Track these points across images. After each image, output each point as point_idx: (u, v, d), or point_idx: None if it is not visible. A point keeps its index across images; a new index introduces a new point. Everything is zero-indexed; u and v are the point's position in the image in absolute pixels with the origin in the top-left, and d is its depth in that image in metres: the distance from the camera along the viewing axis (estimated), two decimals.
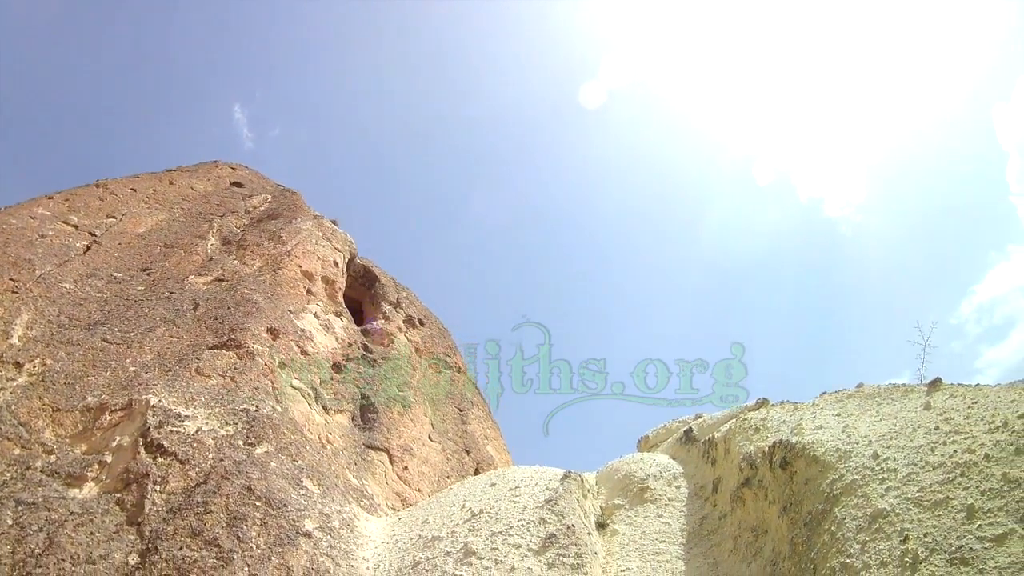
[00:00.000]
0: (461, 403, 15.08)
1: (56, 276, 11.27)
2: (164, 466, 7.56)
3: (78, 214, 13.58)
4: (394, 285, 17.35)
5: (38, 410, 8.24)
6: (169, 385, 8.90)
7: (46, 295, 10.66)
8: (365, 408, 12.03)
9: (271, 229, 14.97)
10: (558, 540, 7.51)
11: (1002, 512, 4.99)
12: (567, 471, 9.07)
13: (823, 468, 6.67)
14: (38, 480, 7.23)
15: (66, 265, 11.72)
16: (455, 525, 8.21)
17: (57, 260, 11.76)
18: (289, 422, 9.46)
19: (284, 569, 6.98)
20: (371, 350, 13.74)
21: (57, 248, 12.15)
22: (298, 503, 7.91)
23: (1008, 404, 6.14)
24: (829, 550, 5.80)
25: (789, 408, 8.65)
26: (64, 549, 6.36)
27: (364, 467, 10.63)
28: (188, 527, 6.87)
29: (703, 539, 7.97)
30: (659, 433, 11.96)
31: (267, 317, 11.46)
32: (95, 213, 13.96)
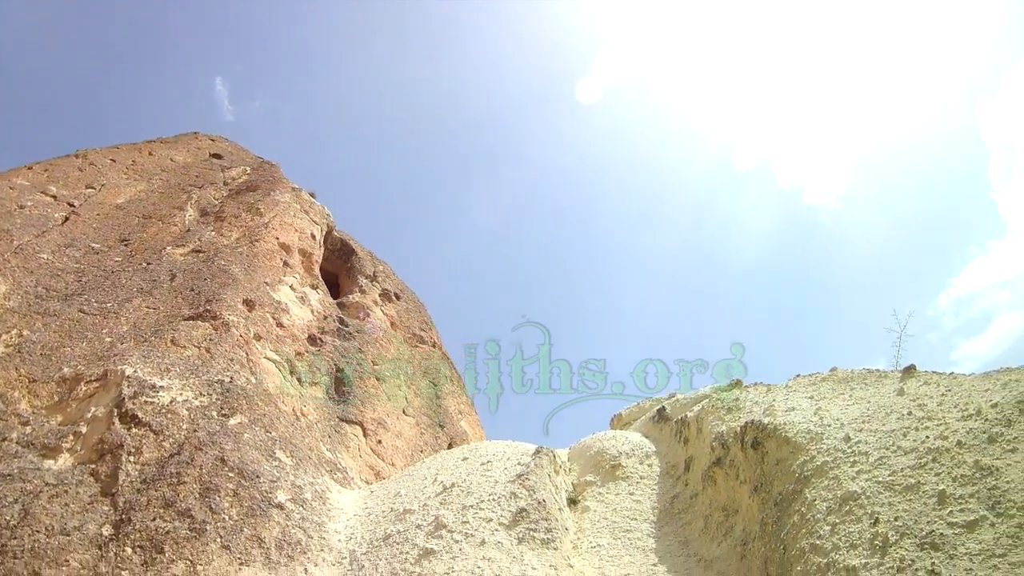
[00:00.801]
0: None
1: (34, 247, 11.09)
2: (138, 437, 7.46)
3: (57, 184, 13.36)
4: (371, 259, 17.21)
5: (14, 381, 8.11)
6: (145, 356, 8.78)
7: (24, 265, 10.49)
8: (340, 381, 11.94)
9: (249, 201, 14.79)
10: (529, 515, 7.50)
11: (973, 499, 5.01)
12: (539, 447, 9.05)
13: (794, 449, 6.68)
14: (13, 451, 7.12)
15: (44, 236, 11.54)
16: (427, 498, 8.18)
17: (35, 231, 11.58)
18: (263, 394, 9.36)
19: (256, 540, 6.93)
20: (347, 323, 13.63)
21: (36, 219, 11.96)
22: (271, 475, 7.85)
23: (982, 393, 6.16)
24: (799, 531, 5.81)
25: (762, 390, 8.66)
26: (39, 520, 6.26)
27: (338, 440, 10.56)
28: (161, 498, 6.80)
29: (674, 518, 7.98)
30: (632, 411, 11.97)
31: (243, 289, 11.32)
32: (74, 184, 13.74)
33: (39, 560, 5.89)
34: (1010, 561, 4.39)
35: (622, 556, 7.52)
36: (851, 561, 5.11)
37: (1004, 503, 4.81)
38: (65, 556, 5.98)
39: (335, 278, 16.37)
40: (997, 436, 5.45)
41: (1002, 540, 4.56)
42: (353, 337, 13.23)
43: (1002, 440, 5.40)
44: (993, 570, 4.40)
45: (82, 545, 6.15)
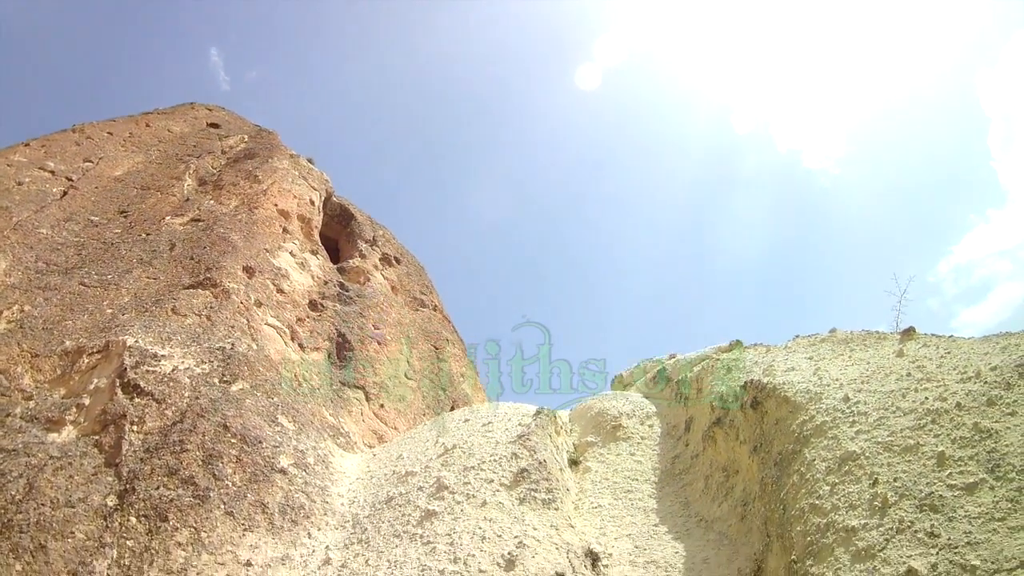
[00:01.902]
0: (437, 341, 14.97)
1: (33, 222, 11.00)
2: (141, 406, 7.43)
3: (55, 160, 13.23)
4: (370, 223, 17.08)
5: (17, 357, 8.06)
6: (146, 326, 8.74)
7: (23, 241, 10.41)
8: (341, 346, 11.90)
9: (247, 168, 14.63)
10: (530, 475, 7.49)
11: (972, 461, 4.97)
12: (540, 407, 9.04)
13: (794, 409, 6.65)
14: (18, 427, 7.09)
15: (43, 211, 11.44)
16: (428, 460, 8.18)
17: (34, 206, 11.48)
18: (264, 360, 9.33)
19: (259, 506, 6.93)
20: (347, 288, 13.56)
21: (34, 194, 11.85)
22: (273, 440, 7.84)
23: (981, 356, 6.10)
24: (799, 491, 5.79)
25: (762, 350, 8.62)
26: (43, 494, 6.24)
27: (340, 404, 10.55)
28: (165, 466, 6.78)
29: (675, 478, 7.98)
30: (633, 372, 11.94)
31: (243, 256, 11.24)
32: (72, 158, 13.59)
33: (44, 533, 5.88)
34: (1009, 525, 4.36)
35: (623, 516, 7.53)
36: (851, 522, 5.08)
37: (1003, 466, 4.77)
38: (70, 528, 5.98)
39: (335, 243, 16.27)
40: (996, 399, 5.40)
41: (1001, 504, 4.53)
42: (354, 302, 13.16)
43: (1001, 403, 5.35)
44: (992, 534, 4.37)
45: (87, 516, 6.15)
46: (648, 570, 6.58)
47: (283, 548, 6.69)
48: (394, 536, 6.87)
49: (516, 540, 6.48)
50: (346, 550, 6.80)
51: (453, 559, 6.30)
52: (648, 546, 6.95)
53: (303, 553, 6.74)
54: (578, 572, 6.29)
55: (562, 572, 6.14)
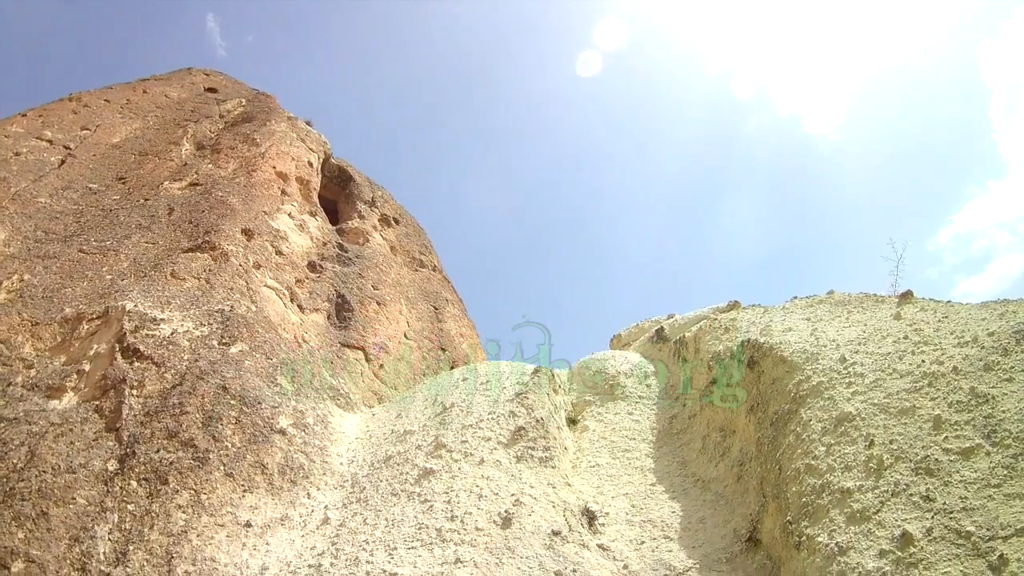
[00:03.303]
0: (436, 301, 14.90)
1: (31, 192, 10.86)
2: (140, 370, 7.36)
3: (52, 129, 13.02)
4: (369, 184, 16.93)
5: (17, 326, 7.97)
6: (145, 290, 8.66)
7: (22, 211, 10.27)
8: (341, 307, 11.84)
9: (245, 132, 14.45)
10: (527, 433, 7.45)
11: (969, 426, 4.90)
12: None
13: (790, 368, 6.58)
14: (19, 395, 7.01)
15: (41, 180, 11.29)
16: (427, 419, 8.15)
17: (32, 176, 11.33)
18: (264, 321, 9.26)
19: (259, 466, 6.90)
20: (346, 248, 13.46)
21: (32, 164, 11.69)
22: (272, 400, 7.79)
23: (979, 321, 6.01)
24: (795, 451, 5.74)
25: (760, 311, 8.53)
26: (45, 461, 6.18)
27: (340, 365, 10.50)
28: (165, 429, 6.73)
29: (672, 438, 7.94)
30: (632, 332, 11.88)
31: (241, 218, 11.13)
32: (69, 127, 13.38)
33: (46, 500, 5.83)
34: (1005, 492, 4.29)
35: (620, 476, 7.50)
36: (846, 483, 5.04)
37: (1000, 432, 4.70)
38: (72, 494, 5.93)
39: (334, 205, 16.12)
40: (993, 364, 5.32)
41: (997, 470, 4.46)
42: (353, 262, 13.07)
43: (998, 369, 5.26)
44: (988, 500, 4.31)
45: (88, 482, 6.10)
46: (645, 529, 6.55)
47: (282, 508, 6.67)
48: (392, 495, 6.84)
49: (513, 498, 6.46)
50: (344, 509, 6.78)
51: (450, 517, 6.27)
52: (645, 505, 6.92)
53: (302, 513, 6.72)
54: (575, 530, 6.26)
55: (559, 530, 6.12)
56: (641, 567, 6.01)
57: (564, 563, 5.73)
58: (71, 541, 5.59)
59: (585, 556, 5.94)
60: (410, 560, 5.79)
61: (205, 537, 5.99)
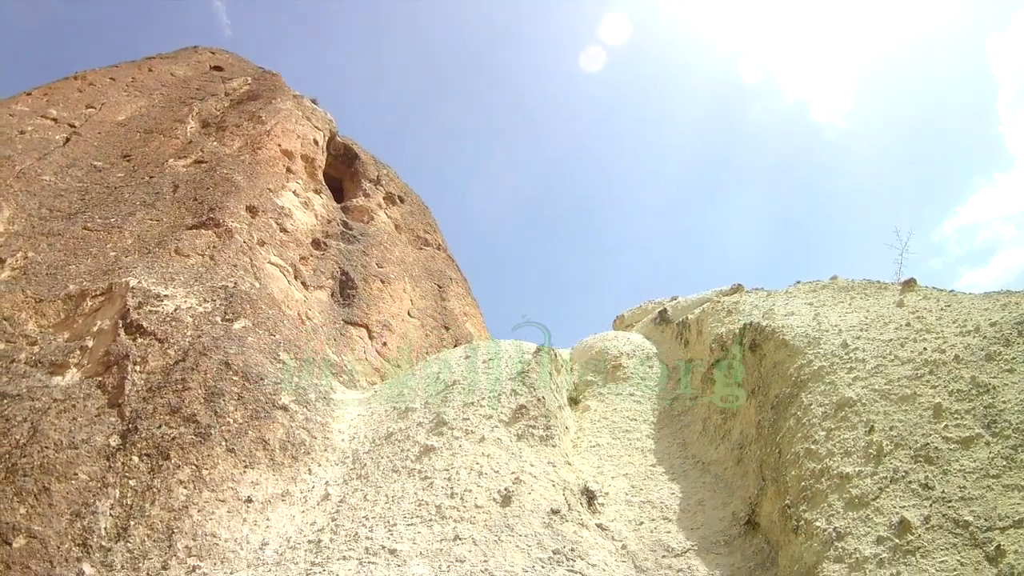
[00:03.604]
0: (441, 280, 14.87)
1: (36, 169, 10.81)
2: (144, 346, 7.36)
3: (57, 107, 12.96)
4: (374, 162, 16.85)
5: (21, 303, 7.96)
6: (149, 267, 8.65)
7: (27, 189, 10.24)
8: (344, 284, 11.81)
9: (250, 110, 14.37)
10: (528, 412, 7.44)
11: (969, 415, 4.86)
12: (540, 345, 8.94)
13: (792, 352, 6.53)
14: (22, 372, 7.02)
15: (46, 158, 11.24)
16: (429, 396, 8.13)
17: (37, 154, 11.27)
18: (267, 297, 9.24)
19: (261, 442, 6.90)
20: (351, 226, 13.41)
21: (37, 142, 11.63)
22: (275, 377, 7.79)
23: (982, 311, 5.96)
24: (795, 435, 5.71)
25: (763, 294, 8.47)
26: (47, 436, 6.19)
27: (343, 343, 10.50)
28: (167, 405, 6.73)
29: (674, 420, 7.92)
30: (635, 313, 11.84)
31: (246, 196, 11.09)
32: (74, 105, 13.32)
33: (48, 475, 5.84)
34: (1004, 483, 4.26)
35: (621, 456, 7.49)
36: (845, 468, 5.01)
37: (1000, 423, 4.67)
38: (74, 469, 5.94)
39: (339, 183, 16.07)
40: (995, 355, 5.27)
41: (996, 460, 4.43)
42: (357, 240, 13.04)
43: (1000, 359, 5.22)
44: (987, 490, 4.28)
45: (90, 457, 6.10)
46: (644, 510, 6.55)
47: (283, 484, 6.68)
48: (392, 471, 6.84)
49: (513, 476, 6.46)
50: (345, 485, 6.79)
51: (450, 494, 6.27)
52: (644, 486, 6.92)
53: (303, 489, 6.73)
54: (574, 509, 6.26)
55: (558, 509, 6.11)
56: (639, 547, 6.01)
57: (562, 542, 5.73)
58: (72, 516, 5.61)
59: (584, 535, 5.94)
60: (409, 536, 5.79)
61: (206, 512, 6.00)
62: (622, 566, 5.76)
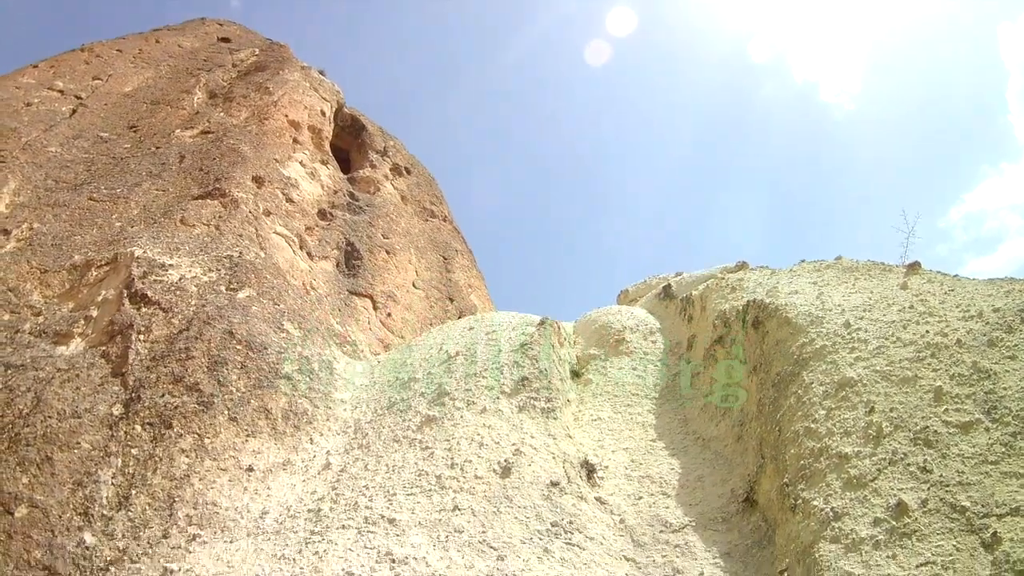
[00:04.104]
0: (446, 251, 14.81)
1: (42, 141, 10.75)
2: (148, 315, 7.32)
3: (64, 79, 12.88)
4: (381, 134, 16.71)
5: (26, 274, 7.94)
6: (154, 237, 8.61)
7: (32, 161, 10.18)
8: (350, 255, 11.76)
9: (258, 81, 14.25)
10: (530, 384, 7.40)
11: (970, 400, 4.80)
12: (544, 317, 8.88)
13: (794, 331, 6.46)
14: (27, 342, 7.00)
15: (52, 130, 11.18)
16: (431, 367, 8.09)
17: (43, 126, 11.21)
18: (272, 267, 9.19)
19: (263, 412, 6.89)
20: (357, 197, 13.33)
21: (43, 114, 11.57)
22: (278, 346, 7.75)
23: (985, 297, 5.88)
24: (795, 413, 5.65)
25: (767, 272, 8.39)
26: (50, 406, 6.17)
27: (348, 313, 10.46)
28: (170, 374, 6.70)
29: (675, 395, 7.87)
30: (639, 288, 11.77)
31: (252, 166, 11.01)
32: (81, 77, 13.23)
33: (51, 445, 5.82)
34: (1003, 470, 4.20)
35: (622, 430, 7.45)
36: (844, 448, 4.95)
37: (1000, 409, 4.60)
38: (76, 439, 5.92)
39: (346, 154, 15.93)
40: (997, 340, 5.20)
41: (995, 447, 4.37)
42: (363, 211, 12.96)
43: (1002, 345, 5.15)
44: (985, 476, 4.22)
45: (92, 426, 6.08)
46: (643, 485, 6.52)
47: (285, 453, 6.68)
48: (394, 441, 6.83)
49: (513, 448, 6.43)
50: (346, 455, 6.78)
51: (450, 465, 6.26)
52: (644, 461, 6.89)
53: (304, 458, 6.72)
54: (573, 483, 6.24)
55: (557, 481, 6.09)
56: (637, 522, 5.99)
57: (561, 514, 5.72)
58: (74, 486, 5.60)
59: (582, 508, 5.93)
60: (408, 506, 5.78)
61: (207, 481, 5.99)
62: (620, 540, 5.75)
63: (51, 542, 5.23)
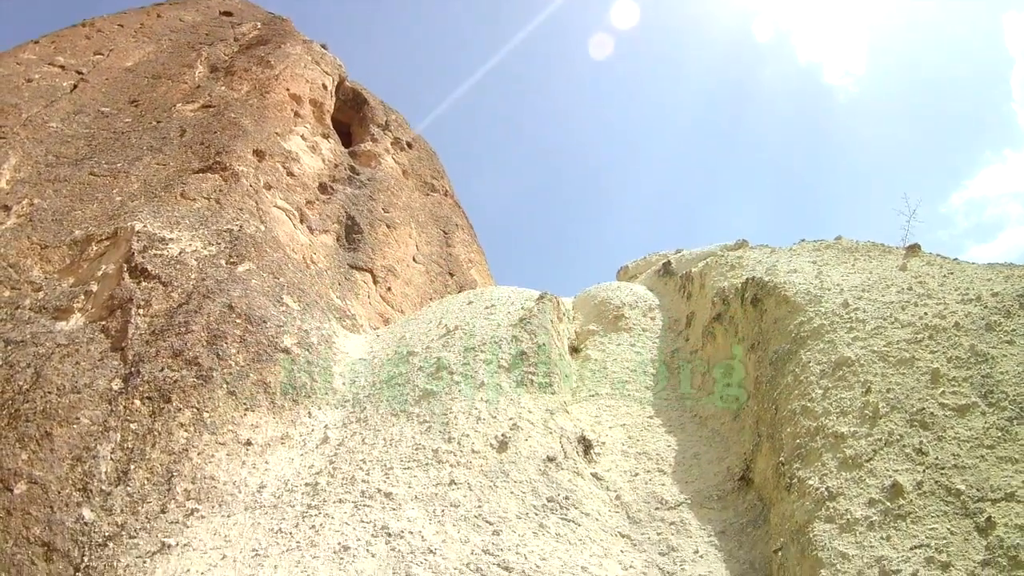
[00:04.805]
0: (446, 226, 14.72)
1: (43, 117, 10.65)
2: (147, 289, 7.25)
3: (64, 55, 12.76)
4: (383, 108, 16.54)
5: (27, 250, 7.86)
6: (154, 211, 8.51)
7: (33, 136, 10.09)
8: (350, 229, 11.67)
9: (259, 55, 14.07)
10: (528, 358, 7.34)
11: (967, 383, 4.75)
12: (543, 292, 8.82)
13: (792, 309, 6.39)
14: (27, 318, 6.92)
15: (53, 105, 11.08)
16: (430, 341, 8.03)
17: (44, 101, 11.11)
18: (272, 241, 9.11)
19: (262, 385, 6.84)
20: (358, 171, 13.21)
21: (44, 90, 11.47)
22: (278, 319, 7.69)
23: (984, 281, 5.81)
24: (792, 392, 5.60)
25: (767, 251, 8.30)
26: (50, 382, 6.10)
27: (348, 287, 10.39)
28: (170, 348, 6.63)
29: (673, 372, 7.80)
30: (639, 264, 11.69)
31: (253, 139, 10.89)
32: (82, 52, 13.10)
33: (50, 420, 5.76)
34: (998, 454, 4.16)
35: (619, 407, 7.41)
36: (840, 428, 4.91)
37: (997, 394, 4.55)
38: (75, 414, 5.86)
39: (347, 128, 15.78)
40: (995, 325, 5.15)
41: (992, 431, 4.32)
42: (364, 185, 12.85)
43: (1000, 330, 5.10)
44: (980, 460, 4.18)
45: (92, 401, 6.01)
46: (639, 461, 6.49)
47: (283, 427, 6.63)
48: (391, 415, 6.79)
49: (510, 422, 6.39)
50: (344, 428, 6.74)
51: (447, 439, 6.22)
52: (641, 437, 6.85)
53: (302, 432, 6.68)
54: (570, 458, 6.19)
55: (554, 456, 6.05)
56: (633, 499, 5.96)
57: (557, 489, 5.68)
58: (73, 461, 5.54)
59: (578, 484, 5.89)
60: (405, 480, 5.76)
61: (205, 455, 5.95)
62: (615, 516, 5.71)
63: (50, 518, 5.18)
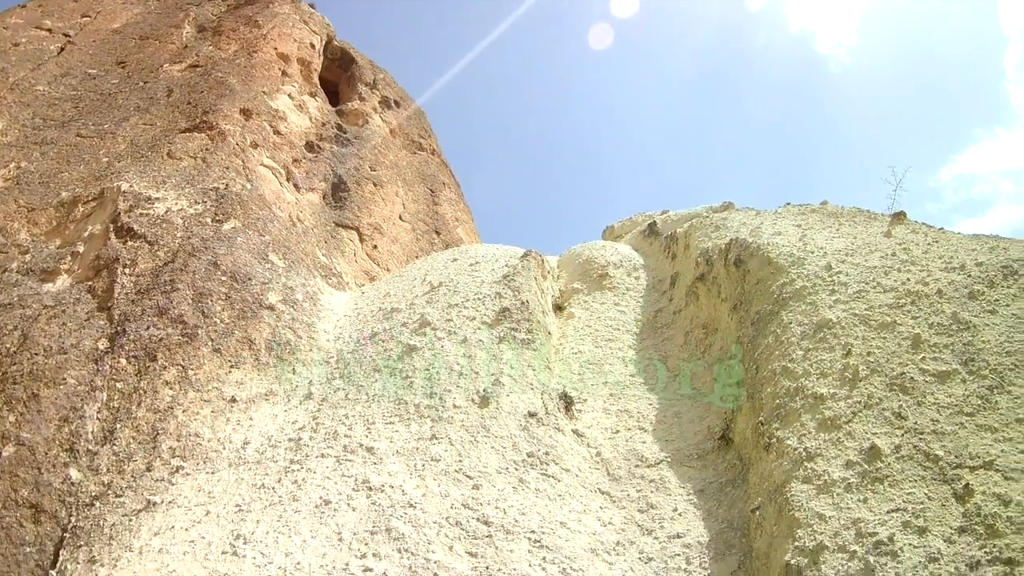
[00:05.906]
0: (433, 185, 14.55)
1: (30, 80, 10.49)
2: (133, 249, 7.14)
3: (52, 18, 12.53)
4: (371, 66, 16.23)
5: (13, 213, 7.74)
6: (141, 171, 8.37)
7: (20, 100, 9.91)
8: (337, 187, 11.50)
9: (247, 14, 13.81)
10: (511, 315, 7.26)
11: (947, 350, 4.68)
12: (528, 250, 8.72)
13: (775, 270, 6.32)
14: (14, 281, 6.82)
15: (40, 68, 10.91)
16: (414, 298, 7.94)
17: (31, 65, 10.95)
18: (258, 199, 8.95)
19: (247, 342, 6.75)
20: (345, 130, 12.99)
21: (31, 53, 11.28)
22: (263, 276, 7.59)
23: (969, 251, 5.71)
24: (772, 352, 5.55)
25: (752, 213, 8.19)
26: (37, 343, 6.01)
27: (334, 245, 10.26)
28: (155, 306, 6.52)
29: (656, 332, 7.73)
30: (624, 224, 11.58)
31: (240, 99, 10.69)
32: (69, 15, 12.88)
33: (37, 382, 5.67)
34: (977, 423, 4.09)
35: (602, 364, 7.33)
36: (820, 389, 4.85)
37: (978, 362, 4.48)
38: (62, 375, 5.76)
39: (335, 87, 15.55)
40: (978, 294, 5.06)
41: (971, 399, 4.26)
42: (351, 143, 12.66)
43: (983, 299, 5.01)
44: (959, 427, 4.11)
45: (79, 362, 5.92)
46: (621, 419, 6.44)
47: (267, 384, 6.56)
48: (375, 371, 6.71)
49: (492, 378, 6.33)
50: (328, 384, 6.67)
51: (429, 394, 6.16)
52: (623, 395, 6.78)
53: (286, 388, 6.61)
54: (551, 414, 6.14)
55: (535, 412, 6.00)
56: (613, 455, 5.92)
57: (537, 445, 5.64)
58: (60, 422, 5.46)
59: (559, 440, 5.84)
60: (387, 435, 5.71)
61: (190, 413, 5.88)
62: (595, 473, 5.68)
63: (37, 479, 5.10)
